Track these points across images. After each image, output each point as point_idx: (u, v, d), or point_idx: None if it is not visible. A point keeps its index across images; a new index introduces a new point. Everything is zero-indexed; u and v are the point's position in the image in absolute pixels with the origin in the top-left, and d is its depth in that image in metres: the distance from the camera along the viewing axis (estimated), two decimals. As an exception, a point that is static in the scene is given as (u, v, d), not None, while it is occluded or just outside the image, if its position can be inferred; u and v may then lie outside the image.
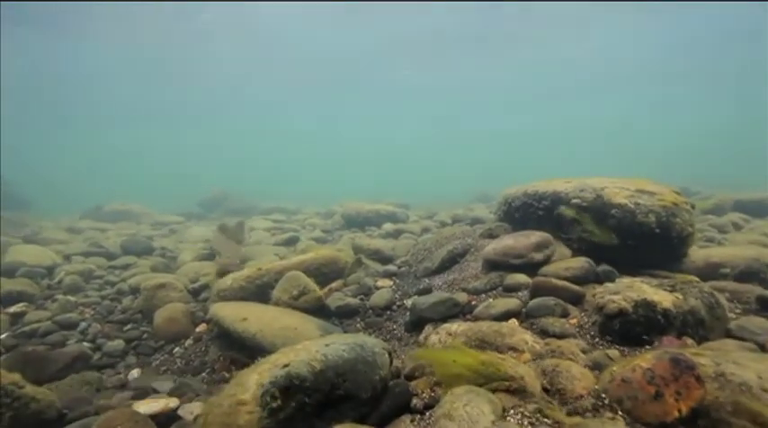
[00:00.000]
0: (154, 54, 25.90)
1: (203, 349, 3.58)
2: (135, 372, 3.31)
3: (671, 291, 2.51)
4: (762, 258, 3.79)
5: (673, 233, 3.51)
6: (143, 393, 2.91)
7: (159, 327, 3.84)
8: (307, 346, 2.02)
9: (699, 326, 2.37)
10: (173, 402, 2.58)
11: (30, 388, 2.57)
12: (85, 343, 3.68)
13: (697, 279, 3.06)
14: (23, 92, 30.56)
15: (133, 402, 2.67)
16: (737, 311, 2.88)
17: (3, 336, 3.76)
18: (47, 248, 6.28)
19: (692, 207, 3.76)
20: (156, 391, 2.95)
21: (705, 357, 1.84)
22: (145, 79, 30.55)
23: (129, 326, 4.02)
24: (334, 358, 1.88)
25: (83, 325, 3.95)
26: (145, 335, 3.86)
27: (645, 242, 3.51)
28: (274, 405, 1.66)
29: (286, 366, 1.80)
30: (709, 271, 3.65)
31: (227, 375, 3.21)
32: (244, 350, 3.26)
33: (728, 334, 2.46)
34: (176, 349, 3.66)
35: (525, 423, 1.57)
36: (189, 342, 3.72)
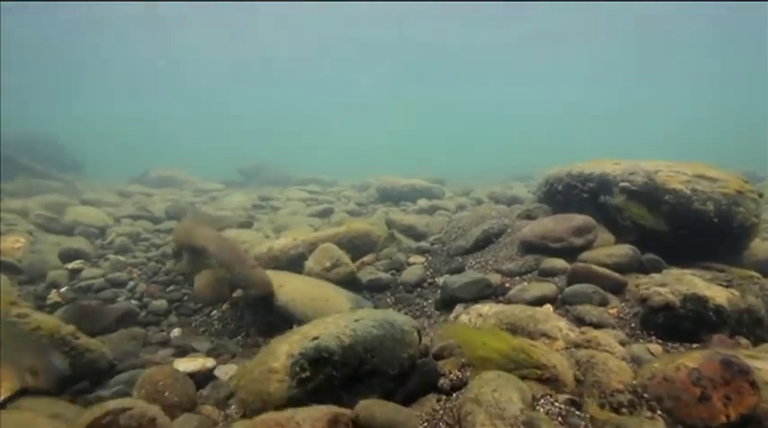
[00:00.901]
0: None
1: (239, 314, 3.72)
2: (176, 331, 3.51)
3: (726, 287, 2.33)
4: (834, 255, 3.44)
5: (734, 223, 3.23)
6: (183, 351, 3.09)
7: (199, 290, 4.03)
8: (337, 320, 2.04)
9: (756, 326, 2.19)
10: (209, 362, 2.72)
11: (84, 339, 2.78)
12: (133, 301, 3.93)
13: (758, 274, 2.82)
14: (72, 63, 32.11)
15: (174, 359, 2.85)
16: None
17: (63, 289, 4.07)
18: (100, 210, 6.69)
19: (760, 195, 3.43)
20: (195, 350, 3.13)
21: (762, 360, 1.70)
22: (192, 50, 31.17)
23: (171, 288, 4.24)
24: (363, 333, 1.89)
25: (131, 283, 4.21)
26: (186, 297, 4.07)
27: (700, 232, 3.26)
28: (303, 375, 1.70)
29: (316, 339, 1.83)
30: (773, 266, 3.36)
31: (260, 340, 3.34)
32: (276, 317, 3.37)
33: (790, 337, 2.26)
34: (214, 312, 3.84)
35: (555, 414, 1.52)
36: (226, 306, 3.88)
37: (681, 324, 2.19)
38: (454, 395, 1.80)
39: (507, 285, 3.29)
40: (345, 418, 1.53)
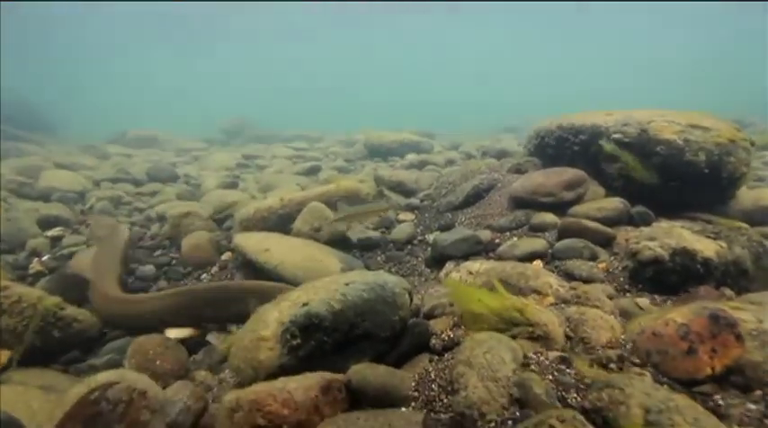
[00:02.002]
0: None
1: (228, 276, 3.70)
2: (166, 296, 3.48)
3: (714, 239, 2.34)
4: (817, 201, 3.48)
5: (723, 173, 3.21)
6: (174, 317, 3.07)
7: (186, 254, 3.96)
8: (326, 285, 2.00)
9: (741, 277, 2.23)
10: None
11: (71, 310, 2.74)
12: (119, 267, 3.86)
13: (746, 225, 2.84)
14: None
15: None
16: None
17: (45, 258, 3.97)
18: (77, 174, 6.44)
19: (752, 144, 3.39)
20: (186, 315, 3.11)
21: (747, 312, 1.72)
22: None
23: (158, 252, 4.17)
24: (353, 298, 1.86)
25: (115, 250, 4.12)
26: (173, 261, 4.01)
27: (690, 183, 3.24)
28: (294, 342, 1.68)
29: (306, 305, 1.80)
30: (758, 215, 3.39)
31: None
32: (267, 279, 3.35)
33: (772, 285, 2.31)
34: (204, 275, 3.80)
35: (546, 372, 1.54)
36: (215, 269, 3.84)
37: (669, 277, 2.21)
38: (446, 355, 1.81)
39: (497, 241, 3.28)
40: (338, 383, 1.53)
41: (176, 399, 1.63)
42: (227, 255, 4.00)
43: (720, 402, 1.41)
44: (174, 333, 2.53)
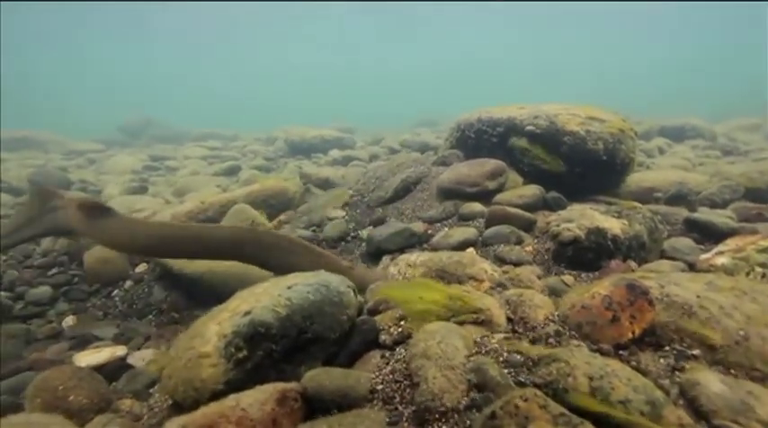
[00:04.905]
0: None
1: (146, 290, 3.34)
2: (69, 320, 3.03)
3: (618, 218, 2.65)
4: (685, 182, 4.12)
5: (617, 160, 3.66)
6: (82, 342, 2.69)
7: (92, 269, 3.49)
8: (267, 289, 1.89)
9: (641, 249, 2.55)
10: (120, 350, 2.41)
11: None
12: (1, 293, 3.26)
13: (640, 204, 3.26)
14: None
15: (72, 353, 2.46)
16: (666, 232, 3.15)
17: None
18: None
19: (636, 133, 3.90)
20: (97, 338, 2.74)
21: (651, 280, 1.97)
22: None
23: (54, 270, 3.61)
24: (299, 301, 1.78)
25: (-6, 272, 3.48)
26: (76, 279, 3.51)
27: (592, 169, 3.64)
28: (240, 355, 1.56)
29: (248, 313, 1.68)
30: (643, 195, 3.93)
31: (176, 315, 3.05)
32: (193, 290, 3.08)
33: (662, 255, 2.69)
34: (115, 291, 3.39)
35: (494, 354, 1.61)
36: (129, 283, 3.44)
37: (586, 255, 2.46)
38: (397, 349, 1.81)
39: (430, 232, 3.38)
40: (293, 393, 1.45)
41: (102, 437, 1.42)
42: (142, 267, 3.60)
43: (642, 361, 1.59)
44: (86, 359, 2.20)
